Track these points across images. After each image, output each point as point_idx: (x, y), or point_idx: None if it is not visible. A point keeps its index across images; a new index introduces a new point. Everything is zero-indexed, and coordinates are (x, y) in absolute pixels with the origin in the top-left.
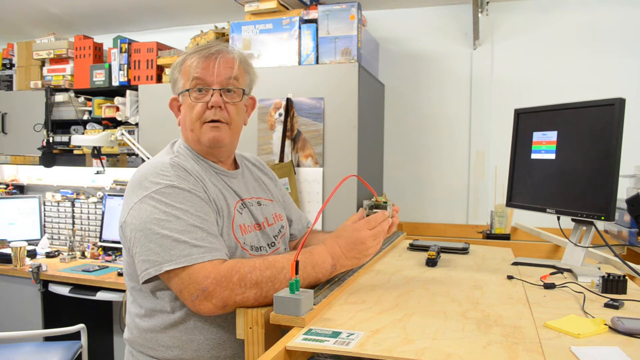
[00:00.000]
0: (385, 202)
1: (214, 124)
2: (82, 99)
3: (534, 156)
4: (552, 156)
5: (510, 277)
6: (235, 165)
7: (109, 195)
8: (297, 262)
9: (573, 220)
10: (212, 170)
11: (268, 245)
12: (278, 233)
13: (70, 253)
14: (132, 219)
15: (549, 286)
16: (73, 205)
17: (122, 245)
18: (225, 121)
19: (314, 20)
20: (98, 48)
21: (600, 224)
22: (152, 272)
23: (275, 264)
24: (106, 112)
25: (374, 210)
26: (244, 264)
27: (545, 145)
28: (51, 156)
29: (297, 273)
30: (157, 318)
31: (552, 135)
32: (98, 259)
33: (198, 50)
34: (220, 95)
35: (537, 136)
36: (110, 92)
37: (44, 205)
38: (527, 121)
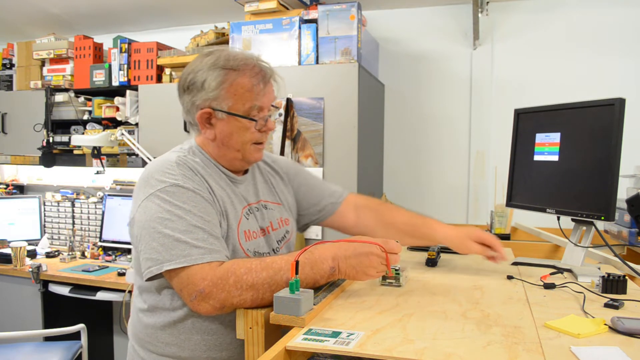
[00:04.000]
0: (398, 274)
1: (261, 146)
2: (82, 99)
3: (537, 158)
4: (556, 158)
5: (510, 277)
6: (245, 170)
7: (109, 195)
8: (297, 262)
9: (573, 220)
10: (223, 175)
11: (273, 250)
12: (282, 238)
13: (70, 253)
14: (139, 216)
15: (549, 286)
16: (73, 205)
17: (131, 241)
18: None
19: (314, 20)
20: (98, 48)
21: (600, 224)
22: (154, 271)
23: (272, 265)
24: (106, 112)
25: (387, 281)
26: (240, 265)
27: (548, 147)
28: (51, 156)
29: (297, 273)
30: (158, 314)
31: (556, 137)
32: (98, 259)
33: (247, 67)
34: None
35: (540, 137)
36: (110, 92)
37: (44, 205)
38: (527, 121)
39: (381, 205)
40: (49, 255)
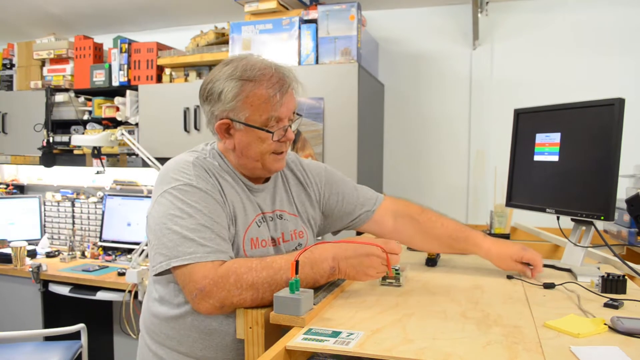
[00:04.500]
0: (398, 274)
1: (281, 155)
2: (82, 99)
3: (537, 158)
4: (556, 158)
5: (509, 277)
6: (266, 178)
7: (109, 195)
8: (297, 262)
9: (573, 220)
10: (240, 181)
11: None
12: (294, 250)
13: (70, 253)
14: (154, 212)
15: (549, 286)
16: (73, 205)
17: (147, 236)
18: (287, 148)
19: (314, 21)
20: (98, 48)
21: (600, 224)
22: (163, 266)
23: (272, 264)
24: (106, 112)
25: (387, 281)
26: (241, 264)
27: (548, 147)
28: (51, 156)
29: (297, 273)
30: (164, 307)
31: (556, 137)
32: (98, 258)
33: (264, 78)
34: (290, 127)
35: (540, 138)
36: (110, 92)
37: (44, 205)
38: (527, 121)
39: (422, 213)
40: (49, 255)
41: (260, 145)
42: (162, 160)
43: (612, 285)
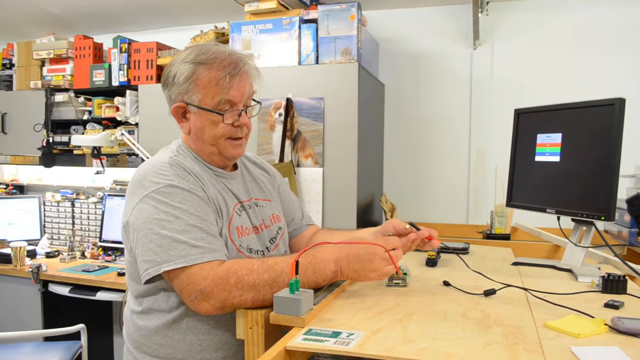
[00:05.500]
0: (405, 274)
1: (238, 141)
2: (82, 99)
3: (538, 158)
4: (557, 158)
5: (446, 284)
6: (234, 166)
7: (109, 195)
8: (297, 263)
9: (573, 220)
10: (212, 172)
11: (266, 248)
12: (276, 235)
13: (70, 253)
14: (134, 219)
15: (489, 292)
16: (73, 205)
17: (124, 245)
18: (245, 135)
19: (314, 20)
20: (98, 48)
21: (600, 224)
22: (151, 273)
23: (274, 267)
24: (106, 112)
25: (394, 282)
26: (242, 265)
27: (550, 147)
28: (51, 156)
29: (297, 273)
30: (153, 317)
31: (557, 138)
32: (98, 259)
33: (215, 61)
34: (245, 113)
35: (541, 138)
36: (110, 92)
37: (44, 205)
38: (527, 121)
39: (332, 230)
40: (48, 255)
41: (214, 128)
42: None
43: (613, 285)
